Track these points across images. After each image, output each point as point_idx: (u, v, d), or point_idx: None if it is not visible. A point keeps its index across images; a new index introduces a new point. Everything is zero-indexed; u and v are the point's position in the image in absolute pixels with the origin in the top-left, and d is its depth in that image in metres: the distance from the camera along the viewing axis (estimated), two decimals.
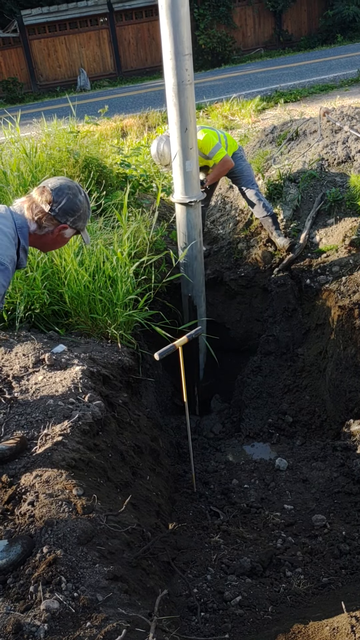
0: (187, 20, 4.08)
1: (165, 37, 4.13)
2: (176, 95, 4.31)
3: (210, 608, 2.59)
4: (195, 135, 4.57)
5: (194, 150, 4.58)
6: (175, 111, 4.39)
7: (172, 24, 4.04)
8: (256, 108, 10.48)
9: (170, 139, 4.60)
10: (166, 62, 4.24)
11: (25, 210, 2.55)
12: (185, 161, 4.58)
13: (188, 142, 4.50)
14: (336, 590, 2.84)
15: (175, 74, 4.23)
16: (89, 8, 19.34)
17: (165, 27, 4.09)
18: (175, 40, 4.10)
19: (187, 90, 4.30)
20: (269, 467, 4.37)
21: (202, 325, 5.44)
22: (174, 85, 4.28)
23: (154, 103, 12.16)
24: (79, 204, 2.60)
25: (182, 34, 4.09)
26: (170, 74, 4.26)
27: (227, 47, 19.87)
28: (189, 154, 4.56)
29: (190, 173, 4.67)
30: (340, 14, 19.51)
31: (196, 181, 4.75)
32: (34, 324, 4.20)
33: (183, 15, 4.04)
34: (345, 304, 4.84)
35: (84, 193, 2.67)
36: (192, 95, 4.36)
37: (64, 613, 2.00)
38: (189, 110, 4.39)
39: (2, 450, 2.82)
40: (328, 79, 12.57)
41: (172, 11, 4.00)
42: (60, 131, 6.51)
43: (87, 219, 2.71)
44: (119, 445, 3.33)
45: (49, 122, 6.81)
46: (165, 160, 5.17)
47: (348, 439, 4.39)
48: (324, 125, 6.40)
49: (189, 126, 4.44)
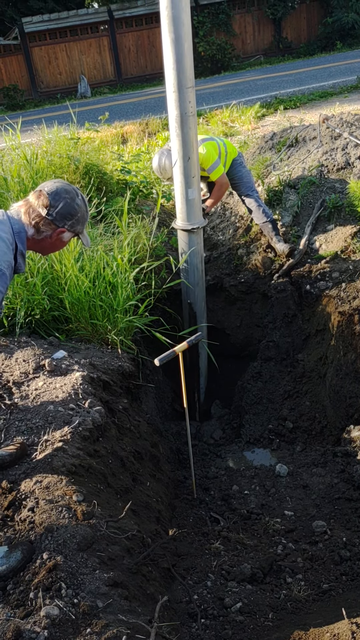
0: (190, 55, 4.12)
1: (169, 71, 4.17)
2: (179, 126, 4.35)
3: (210, 615, 2.58)
4: (197, 164, 4.60)
5: (196, 178, 4.63)
6: (178, 141, 4.43)
7: (176, 59, 4.09)
8: (256, 115, 10.52)
9: (174, 168, 4.64)
10: (169, 95, 4.28)
11: (23, 215, 2.54)
12: (187, 189, 4.63)
13: (190, 171, 4.54)
14: (337, 596, 2.84)
15: (178, 106, 4.28)
16: (89, 16, 19.45)
17: (169, 61, 4.13)
18: (178, 73, 4.14)
19: (189, 122, 4.34)
20: (270, 473, 4.36)
21: (203, 350, 5.48)
22: (177, 116, 4.32)
23: (154, 110, 12.20)
24: (77, 208, 2.58)
25: (185, 67, 4.14)
26: (173, 106, 4.30)
27: (227, 54, 19.96)
28: (191, 182, 4.60)
29: (193, 201, 4.71)
30: (339, 21, 19.61)
31: (198, 209, 4.79)
32: (34, 329, 4.20)
33: (187, 50, 4.08)
34: (345, 310, 4.85)
35: (82, 196, 2.65)
36: (194, 126, 4.41)
37: (64, 619, 2.00)
38: (192, 140, 4.43)
39: (2, 457, 2.82)
40: (327, 86, 12.62)
41: (176, 46, 4.06)
42: (61, 138, 6.54)
43: (85, 222, 2.69)
44: (119, 451, 3.33)
45: (49, 128, 6.84)
46: (167, 174, 5.20)
47: (348, 445, 4.39)
48: (323, 132, 6.43)
49: (191, 155, 4.48)
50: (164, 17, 4.00)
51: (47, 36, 19.45)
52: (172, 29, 4.00)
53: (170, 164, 5.06)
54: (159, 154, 5.24)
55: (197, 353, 5.51)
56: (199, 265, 5.06)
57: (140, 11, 19.65)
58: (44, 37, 19.45)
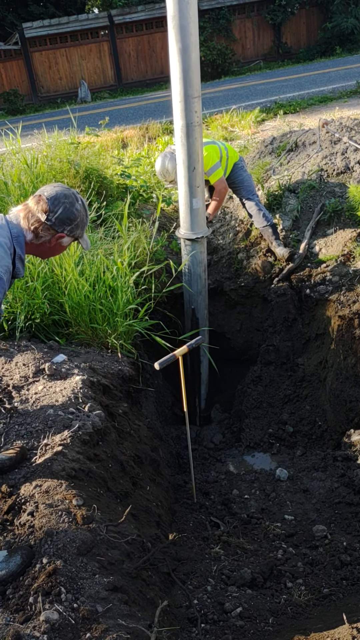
0: (197, 65, 4.12)
1: (175, 81, 4.17)
2: (185, 135, 4.35)
3: (210, 619, 2.58)
4: (202, 174, 4.61)
5: (201, 188, 4.64)
6: (183, 151, 4.44)
7: (183, 69, 4.09)
8: (256, 119, 10.53)
9: (178, 177, 4.65)
10: (175, 105, 4.27)
11: (22, 220, 2.53)
12: (192, 199, 4.64)
13: (195, 181, 4.56)
14: (337, 601, 2.83)
15: (184, 116, 4.27)
16: (89, 21, 19.51)
17: (176, 71, 4.12)
18: (185, 83, 4.14)
19: (195, 132, 4.34)
20: (270, 477, 4.36)
21: (205, 359, 5.48)
22: (183, 127, 4.32)
23: (154, 114, 12.22)
24: (76, 213, 2.57)
25: (192, 78, 4.14)
26: (179, 116, 4.29)
27: (227, 59, 20.01)
28: (196, 192, 4.61)
29: (197, 210, 4.73)
30: (339, 27, 19.66)
31: (202, 218, 4.81)
32: (34, 333, 4.20)
33: (194, 60, 4.08)
34: (345, 314, 4.85)
35: (81, 200, 2.64)
36: (200, 136, 4.41)
37: (64, 624, 1.99)
38: (197, 150, 4.44)
39: (2, 460, 2.81)
40: (327, 91, 12.64)
41: (183, 57, 4.05)
42: (61, 142, 6.55)
43: (84, 226, 2.68)
44: (119, 455, 3.32)
45: (49, 133, 6.85)
46: (170, 176, 5.21)
47: (348, 449, 4.38)
48: (323, 137, 6.45)
49: (196, 165, 4.49)
50: (171, 27, 3.98)
51: (47, 41, 19.50)
52: (180, 39, 3.98)
53: (173, 167, 5.08)
54: (162, 156, 5.25)
55: (197, 358, 5.51)
56: (202, 274, 5.08)
57: (140, 16, 19.70)
58: (45, 42, 19.50)
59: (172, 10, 3.90)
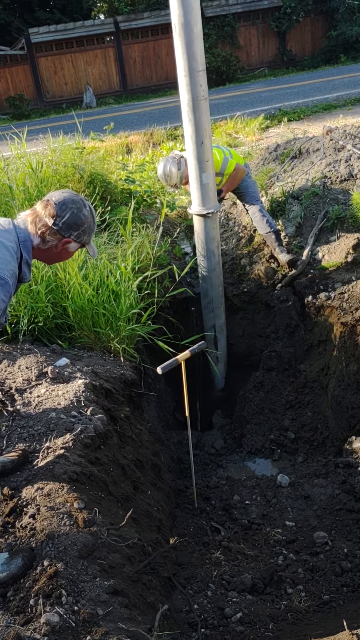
0: (200, 38, 4.15)
1: (179, 55, 4.21)
2: (191, 110, 4.39)
3: (210, 624, 2.57)
4: (210, 148, 4.64)
5: (210, 162, 4.66)
6: (190, 126, 4.47)
7: (186, 42, 4.12)
8: (260, 126, 10.57)
9: (186, 152, 4.70)
10: (180, 79, 4.31)
11: (29, 224, 2.54)
12: (202, 174, 4.67)
13: (204, 155, 4.58)
14: (337, 608, 2.83)
15: (189, 90, 4.30)
16: (95, 27, 19.63)
17: (178, 45, 4.16)
18: (189, 57, 4.18)
19: (201, 106, 4.37)
20: (271, 483, 4.35)
21: (222, 336, 5.46)
22: (189, 101, 4.35)
23: (158, 120, 12.27)
24: (83, 219, 2.58)
25: (195, 51, 4.17)
26: (185, 90, 4.33)
27: (232, 66, 20.11)
28: (205, 167, 4.64)
29: (207, 185, 4.75)
30: (343, 35, 19.75)
31: (213, 193, 4.83)
32: (37, 337, 4.21)
33: (196, 33, 4.11)
34: (347, 321, 4.85)
35: (89, 206, 2.65)
36: (206, 110, 4.43)
37: (64, 627, 1.99)
38: (204, 124, 4.47)
39: (4, 463, 2.82)
40: (331, 98, 12.68)
41: (186, 30, 4.08)
42: (66, 147, 6.58)
43: (92, 233, 2.68)
44: (120, 459, 3.33)
45: (55, 138, 6.89)
46: (172, 180, 5.24)
47: (350, 456, 4.38)
48: (327, 144, 6.47)
49: (204, 140, 4.52)
50: (173, 2, 4.02)
51: (53, 47, 19.63)
52: (182, 13, 4.02)
53: (175, 171, 5.12)
54: (164, 160, 5.28)
55: (199, 362, 5.52)
56: (215, 251, 5.07)
57: (146, 23, 19.83)
58: (50, 47, 19.63)
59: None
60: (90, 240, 2.72)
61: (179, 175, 5.18)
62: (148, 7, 20.53)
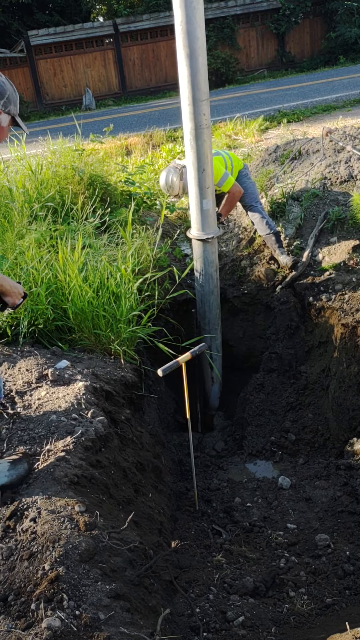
0: (204, 69, 4.19)
1: (183, 85, 4.24)
2: (194, 138, 4.42)
3: (212, 628, 2.56)
4: (211, 175, 4.67)
5: (211, 189, 4.69)
6: (192, 154, 4.50)
7: (191, 73, 4.16)
8: (259, 127, 10.57)
9: (188, 179, 4.71)
10: (184, 108, 4.34)
11: None
12: (202, 200, 4.70)
13: (205, 182, 4.61)
14: (340, 611, 2.81)
15: (192, 119, 4.34)
16: (95, 29, 19.64)
17: (184, 75, 4.19)
18: (193, 87, 4.21)
19: (204, 134, 4.41)
20: (272, 485, 4.34)
21: (219, 357, 5.48)
22: (192, 129, 4.38)
23: (158, 122, 12.27)
24: (4, 86, 2.54)
25: (200, 81, 4.20)
26: (188, 119, 4.36)
27: (231, 68, 20.12)
28: (206, 193, 4.67)
29: (207, 211, 4.78)
30: (342, 36, 19.77)
31: (213, 219, 4.85)
32: (37, 339, 4.20)
33: (201, 64, 4.15)
34: (348, 322, 4.85)
35: (4, 76, 2.62)
36: (209, 139, 4.47)
37: (66, 631, 1.98)
38: (206, 152, 4.50)
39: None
40: (330, 100, 12.68)
41: (191, 62, 4.12)
42: (66, 149, 6.58)
43: (17, 101, 2.64)
44: (121, 462, 3.31)
45: (54, 140, 6.88)
46: (174, 191, 5.25)
47: (351, 457, 4.37)
48: (326, 145, 6.46)
49: (205, 167, 4.55)
50: (179, 32, 4.06)
51: (52, 49, 19.64)
52: (187, 44, 4.06)
53: (177, 181, 5.13)
54: (166, 171, 5.27)
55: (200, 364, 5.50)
56: (214, 274, 5.10)
57: (145, 25, 19.83)
58: (50, 50, 19.63)
59: (179, 16, 3.98)
60: (17, 112, 2.69)
61: (181, 185, 5.18)
62: (147, 10, 20.55)
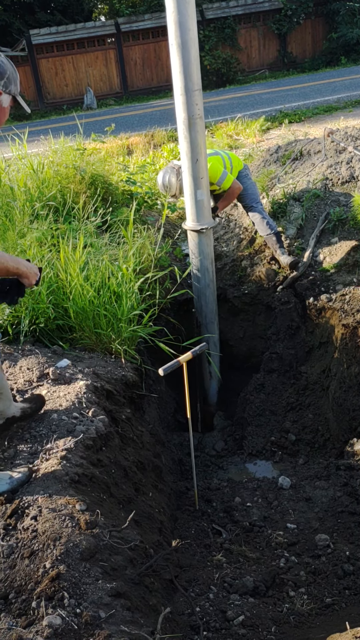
0: (196, 59, 4.25)
1: (176, 75, 4.31)
2: (187, 128, 4.46)
3: (212, 627, 2.56)
4: (205, 166, 4.70)
5: (205, 179, 4.72)
6: (186, 144, 4.54)
7: (183, 63, 4.23)
8: (261, 128, 10.57)
9: (182, 169, 4.75)
10: (177, 98, 4.40)
11: None
12: (196, 190, 4.73)
13: (199, 172, 4.65)
14: (340, 611, 2.82)
15: (185, 109, 4.39)
16: (96, 29, 19.64)
17: (176, 65, 4.26)
18: (185, 78, 4.28)
19: (197, 124, 4.45)
20: (272, 485, 4.34)
21: (216, 353, 5.48)
22: (185, 119, 4.43)
23: (159, 122, 12.27)
24: (4, 66, 2.52)
25: (192, 72, 4.26)
26: (181, 109, 4.41)
27: (232, 68, 20.11)
28: (200, 184, 4.70)
29: (202, 202, 4.81)
30: (344, 37, 19.76)
31: (207, 210, 4.86)
32: (38, 338, 4.21)
33: (193, 55, 4.22)
34: (348, 323, 4.85)
35: (3, 55, 2.59)
36: (202, 129, 4.51)
37: (67, 629, 1.98)
38: (199, 142, 4.54)
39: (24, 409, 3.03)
40: (332, 100, 12.68)
41: (183, 53, 4.19)
42: (67, 148, 6.58)
43: (17, 80, 2.63)
44: (122, 461, 3.32)
45: (56, 139, 6.88)
46: (172, 190, 5.27)
47: (351, 458, 4.37)
48: (328, 146, 6.47)
49: (199, 157, 4.58)
50: (171, 23, 4.13)
51: (54, 48, 19.64)
52: (179, 34, 4.13)
53: (175, 181, 5.16)
54: (164, 171, 5.30)
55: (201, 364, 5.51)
56: (209, 267, 5.10)
57: (147, 24, 19.83)
58: (51, 49, 19.63)
59: (170, 7, 4.07)
60: (18, 92, 2.66)
61: (178, 185, 5.19)
62: (149, 9, 20.55)
